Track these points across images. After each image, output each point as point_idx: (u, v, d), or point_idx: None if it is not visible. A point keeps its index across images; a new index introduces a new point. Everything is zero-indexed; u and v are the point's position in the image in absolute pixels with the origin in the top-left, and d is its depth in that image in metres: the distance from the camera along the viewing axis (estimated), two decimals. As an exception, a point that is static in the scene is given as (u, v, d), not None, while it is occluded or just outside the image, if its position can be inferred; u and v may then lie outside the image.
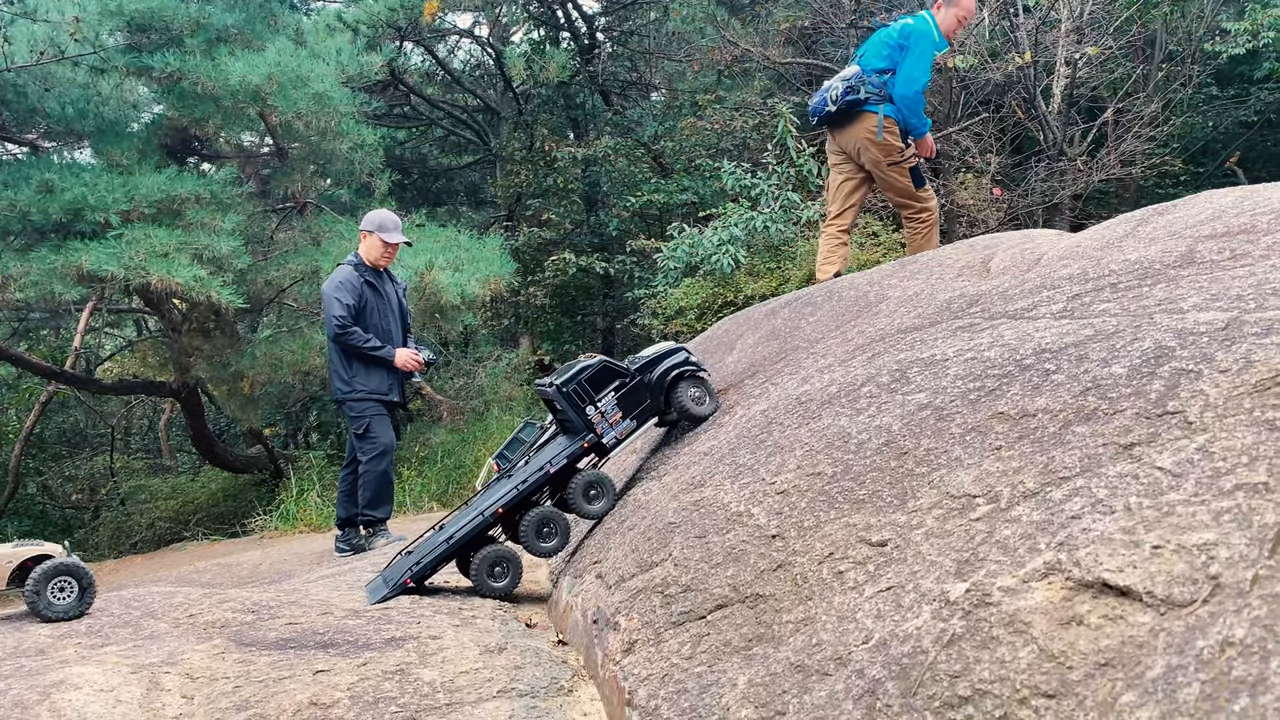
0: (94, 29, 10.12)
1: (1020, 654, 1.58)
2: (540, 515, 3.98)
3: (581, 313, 16.54)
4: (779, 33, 13.81)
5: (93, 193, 9.83)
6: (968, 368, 2.80)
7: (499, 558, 4.01)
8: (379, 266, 6.18)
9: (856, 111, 6.14)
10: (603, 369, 4.29)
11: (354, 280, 5.99)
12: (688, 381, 4.35)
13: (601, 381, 4.28)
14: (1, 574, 3.30)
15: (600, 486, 4.12)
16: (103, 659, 2.85)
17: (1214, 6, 13.19)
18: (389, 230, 6.12)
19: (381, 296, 6.17)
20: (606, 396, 4.26)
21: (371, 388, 6.08)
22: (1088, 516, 1.79)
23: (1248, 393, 1.91)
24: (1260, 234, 3.13)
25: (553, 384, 4.23)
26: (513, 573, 4.03)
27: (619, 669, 2.61)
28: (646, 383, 4.34)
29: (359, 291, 5.99)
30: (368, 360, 6.04)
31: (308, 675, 2.69)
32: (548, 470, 4.10)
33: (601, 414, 4.22)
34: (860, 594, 2.07)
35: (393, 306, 6.26)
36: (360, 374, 6.05)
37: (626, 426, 4.29)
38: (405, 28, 14.62)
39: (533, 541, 3.94)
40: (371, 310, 6.09)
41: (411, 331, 6.55)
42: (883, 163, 6.16)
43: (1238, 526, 1.52)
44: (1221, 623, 1.36)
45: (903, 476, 2.40)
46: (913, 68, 6.00)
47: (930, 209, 6.32)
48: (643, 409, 4.34)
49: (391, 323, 6.21)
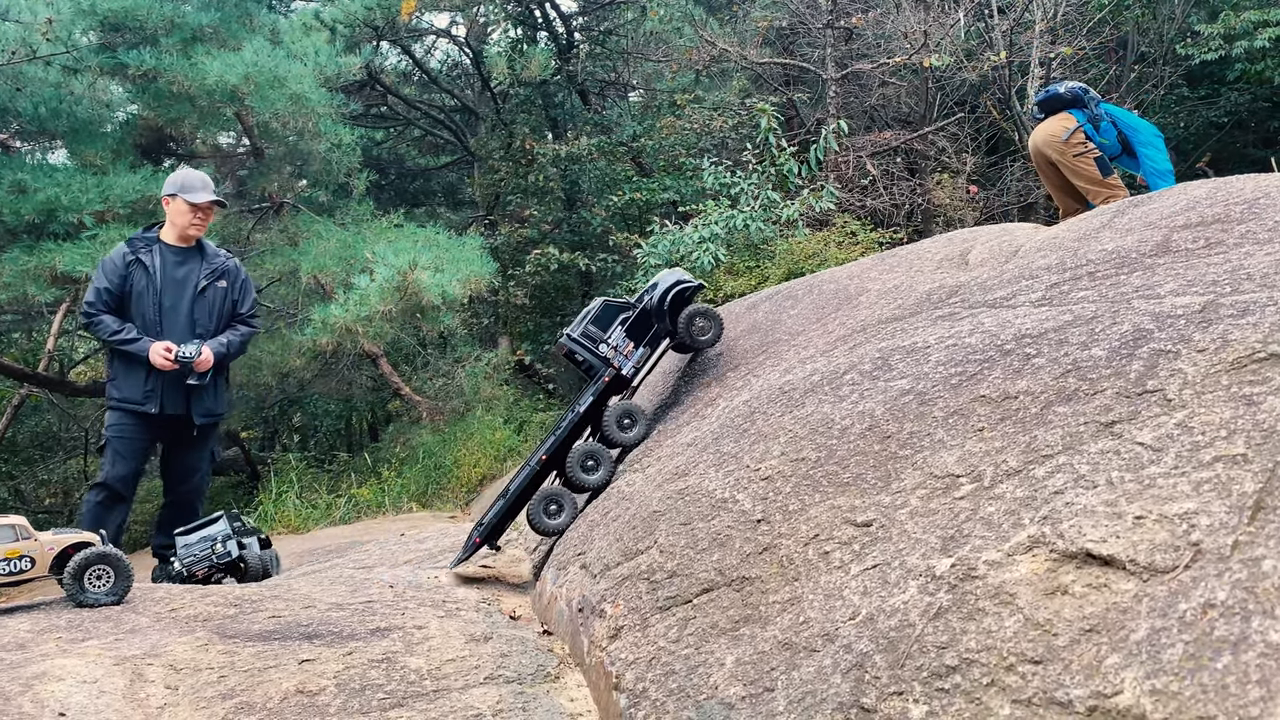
0: (67, 28, 10.02)
1: (1006, 623, 1.60)
2: (583, 450, 4.30)
3: (561, 313, 16.51)
4: (757, 33, 13.87)
5: (66, 193, 9.73)
6: (949, 354, 2.83)
7: (552, 496, 4.27)
8: (188, 238, 5.03)
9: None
10: (604, 308, 4.62)
11: (116, 259, 4.90)
12: (697, 315, 4.66)
13: (607, 319, 4.58)
14: (43, 561, 3.33)
15: (631, 415, 4.46)
16: (84, 652, 2.83)
17: (1185, 8, 13.37)
18: (195, 189, 4.97)
19: (158, 279, 4.90)
20: (615, 331, 4.55)
21: (123, 395, 4.89)
22: (1070, 491, 1.81)
23: (1225, 370, 1.95)
24: (1233, 223, 3.19)
25: (567, 335, 4.55)
26: (569, 509, 4.26)
27: (605, 654, 2.62)
28: (649, 309, 4.62)
29: (121, 272, 4.86)
30: (126, 359, 4.86)
31: (293, 664, 2.68)
32: (579, 411, 4.42)
33: (614, 348, 4.52)
34: (846, 573, 2.09)
35: (184, 291, 4.97)
36: (119, 375, 4.91)
37: (641, 354, 4.60)
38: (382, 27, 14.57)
39: (577, 474, 4.25)
40: (140, 296, 4.88)
41: (247, 324, 5.27)
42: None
43: (1218, 495, 1.55)
44: (1203, 586, 1.39)
45: (886, 459, 2.42)
46: None
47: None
48: (652, 334, 4.64)
49: (167, 314, 4.91)
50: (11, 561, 3.29)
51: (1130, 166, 6.70)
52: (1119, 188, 6.44)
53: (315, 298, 11.07)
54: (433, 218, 16.98)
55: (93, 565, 3.37)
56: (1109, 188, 6.39)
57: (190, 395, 4.93)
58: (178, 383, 4.86)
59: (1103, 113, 6.62)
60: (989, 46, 12.26)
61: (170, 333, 4.86)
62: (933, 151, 13.02)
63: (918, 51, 11.90)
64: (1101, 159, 6.41)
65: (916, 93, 14.05)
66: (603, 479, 4.23)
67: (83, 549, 3.37)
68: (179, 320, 4.92)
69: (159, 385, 4.84)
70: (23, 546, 3.31)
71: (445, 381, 12.85)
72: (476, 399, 12.16)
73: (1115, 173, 6.52)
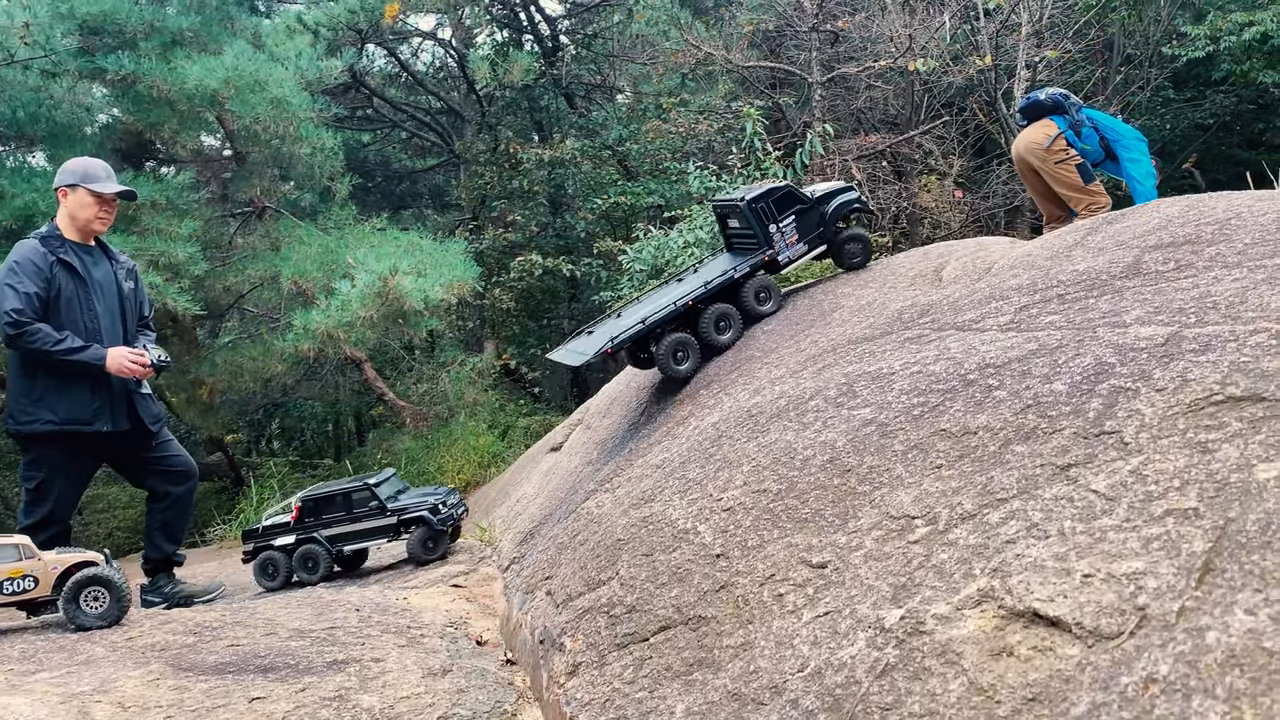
0: (45, 32, 9.92)
1: (951, 686, 1.55)
2: (718, 311, 4.70)
3: (547, 316, 16.46)
4: (743, 36, 13.81)
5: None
6: (913, 382, 2.78)
7: (683, 343, 4.66)
8: (90, 235, 4.40)
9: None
10: (789, 193, 4.94)
11: (35, 260, 4.16)
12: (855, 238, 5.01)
13: (786, 204, 4.90)
14: (46, 581, 3.29)
15: (769, 290, 4.87)
16: (32, 688, 2.77)
17: (1170, 10, 13.35)
18: (99, 179, 4.35)
19: (87, 281, 4.30)
20: (788, 219, 4.88)
21: (63, 416, 4.17)
22: (1022, 541, 1.77)
23: (1182, 413, 1.90)
24: (1204, 244, 3.15)
25: (743, 198, 4.83)
26: (693, 356, 4.68)
27: (563, 692, 2.57)
28: (822, 213, 4.95)
29: (46, 274, 4.16)
30: (62, 373, 4.16)
31: (243, 704, 2.62)
32: (732, 275, 4.77)
33: (781, 233, 4.85)
34: (799, 618, 2.04)
35: (109, 294, 4.41)
36: (49, 395, 4.18)
37: (799, 249, 4.93)
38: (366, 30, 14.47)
39: (711, 332, 4.68)
40: (70, 301, 4.22)
41: (150, 329, 4.70)
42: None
43: (1166, 555, 1.51)
44: (1146, 657, 1.34)
45: (845, 495, 2.37)
46: None
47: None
48: (815, 236, 4.96)
49: (103, 319, 4.33)
50: (15, 581, 3.25)
51: (1114, 172, 6.66)
52: (1101, 194, 6.40)
53: (297, 303, 10.99)
54: (419, 220, 16.90)
55: (88, 587, 3.30)
56: (1091, 194, 6.35)
57: (135, 404, 4.41)
58: (123, 394, 4.35)
59: (1084, 118, 6.58)
60: (975, 49, 12.22)
61: (111, 341, 4.30)
62: (919, 155, 12.99)
63: (904, 54, 11.85)
64: (1083, 165, 6.37)
65: (903, 96, 14.01)
66: (732, 339, 4.68)
67: (85, 568, 3.32)
68: (115, 326, 4.38)
69: (107, 400, 4.27)
70: (26, 566, 3.27)
71: (429, 386, 12.78)
72: (460, 404, 12.09)
73: (1098, 179, 6.49)
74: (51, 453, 4.24)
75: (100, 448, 4.42)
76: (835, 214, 4.99)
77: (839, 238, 5.01)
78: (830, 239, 5.02)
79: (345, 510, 5.41)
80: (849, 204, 5.04)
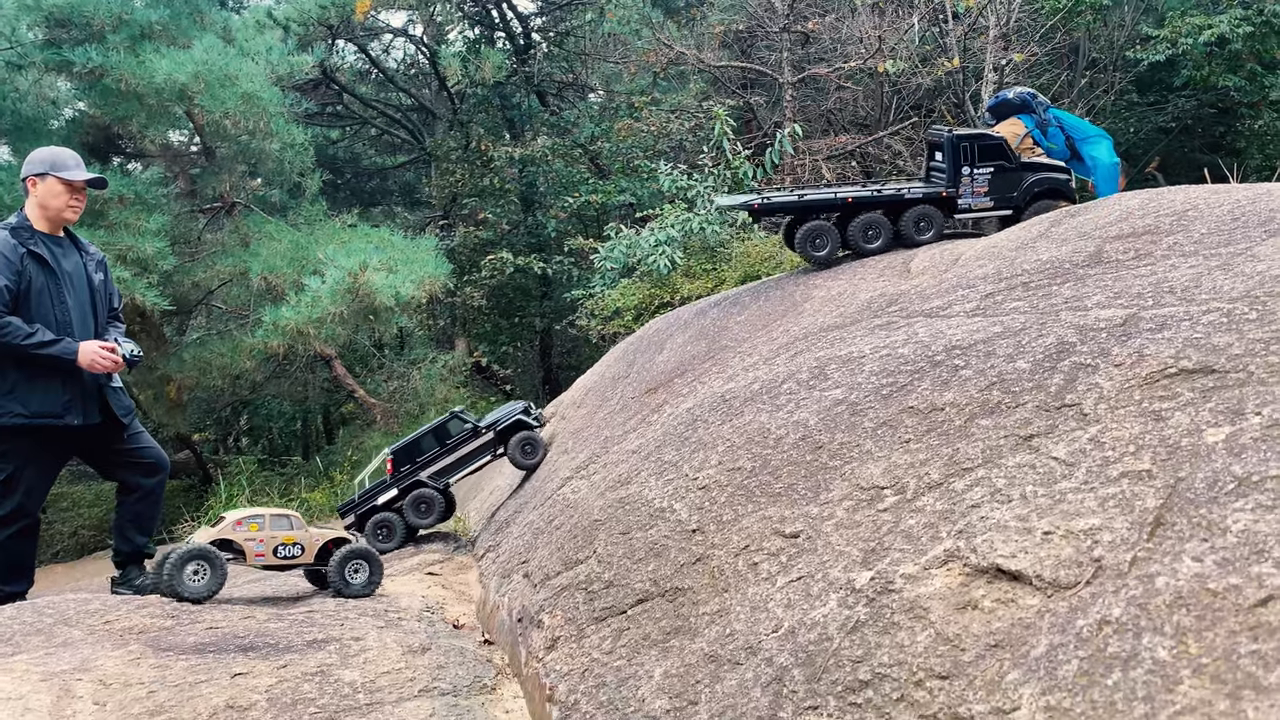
0: (10, 23, 9.83)
1: (918, 638, 1.63)
2: (868, 220, 4.92)
3: (519, 314, 16.47)
4: (714, 36, 13.91)
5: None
6: (882, 364, 2.87)
7: (823, 230, 4.95)
8: (60, 226, 4.34)
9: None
10: (1001, 145, 5.03)
11: (8, 251, 4.11)
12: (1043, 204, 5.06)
13: (991, 154, 5.00)
14: (310, 550, 3.81)
15: (930, 221, 4.97)
16: (11, 667, 2.78)
17: (1134, 16, 13.61)
18: (69, 167, 4.27)
19: (57, 273, 4.26)
20: (986, 170, 4.96)
21: (33, 410, 4.14)
22: (986, 505, 1.85)
23: (1138, 385, 1.99)
24: (1163, 234, 3.26)
25: (951, 130, 5.00)
26: (830, 245, 4.95)
27: (541, 665, 2.62)
28: (1022, 180, 5.02)
29: (17, 266, 4.12)
30: (32, 366, 4.13)
31: (225, 679, 2.66)
32: (905, 195, 4.96)
33: (971, 179, 4.93)
34: (773, 584, 2.11)
35: (80, 286, 4.37)
36: (19, 388, 4.13)
37: (983, 203, 5.01)
38: (337, 26, 14.43)
39: (859, 239, 4.95)
40: (40, 294, 4.18)
41: (120, 321, 4.67)
42: None
43: (1121, 512, 1.59)
44: (1101, 603, 1.42)
45: (817, 470, 2.45)
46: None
47: None
48: (1007, 197, 5.02)
49: (74, 312, 4.29)
50: (289, 547, 3.80)
51: (1081, 171, 6.83)
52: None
53: (267, 299, 10.94)
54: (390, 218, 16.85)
55: (352, 560, 3.82)
56: None
57: (106, 397, 4.35)
58: (93, 388, 4.30)
59: (1051, 118, 6.74)
60: (944, 52, 12.40)
61: (82, 334, 4.26)
62: (888, 155, 13.15)
63: (873, 56, 12.01)
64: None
65: (872, 97, 14.18)
66: (876, 249, 4.92)
67: (342, 544, 3.85)
68: (86, 318, 4.34)
69: (78, 393, 4.23)
70: (297, 535, 3.81)
71: (400, 384, 12.76)
72: (432, 401, 12.08)
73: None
74: (21, 446, 4.19)
75: (71, 441, 4.37)
76: (1035, 185, 5.06)
77: (1028, 209, 5.03)
78: (1020, 206, 5.06)
79: (440, 444, 5.41)
80: (1053, 183, 5.12)
